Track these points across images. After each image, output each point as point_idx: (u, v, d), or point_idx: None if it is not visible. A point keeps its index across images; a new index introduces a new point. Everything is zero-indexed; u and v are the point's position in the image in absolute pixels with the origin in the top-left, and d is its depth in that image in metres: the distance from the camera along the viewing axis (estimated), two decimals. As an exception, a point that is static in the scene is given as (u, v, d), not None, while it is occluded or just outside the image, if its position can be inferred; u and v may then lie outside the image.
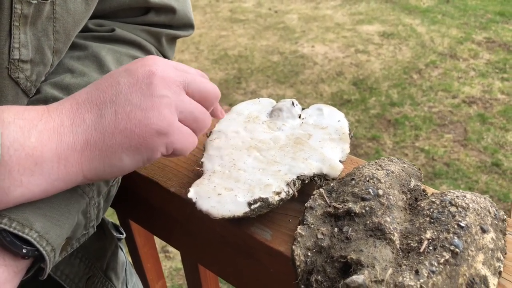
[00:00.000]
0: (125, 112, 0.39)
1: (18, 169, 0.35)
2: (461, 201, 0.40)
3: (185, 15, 0.57)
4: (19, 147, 0.35)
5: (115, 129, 0.38)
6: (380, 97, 3.01)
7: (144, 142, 0.39)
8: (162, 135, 0.40)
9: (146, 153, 0.40)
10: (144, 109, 0.39)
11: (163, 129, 0.39)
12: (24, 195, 0.36)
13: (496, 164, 2.40)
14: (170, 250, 2.02)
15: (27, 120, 0.36)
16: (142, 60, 0.42)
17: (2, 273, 0.37)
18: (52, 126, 0.37)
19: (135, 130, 0.39)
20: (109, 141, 0.38)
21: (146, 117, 0.39)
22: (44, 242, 0.39)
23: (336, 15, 4.20)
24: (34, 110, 0.38)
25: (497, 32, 3.66)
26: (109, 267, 0.63)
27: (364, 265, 0.35)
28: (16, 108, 0.37)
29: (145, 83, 0.40)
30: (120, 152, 0.39)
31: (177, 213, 0.54)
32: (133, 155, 0.39)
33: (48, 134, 0.37)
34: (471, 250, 0.36)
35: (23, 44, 0.42)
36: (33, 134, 0.36)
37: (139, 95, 0.39)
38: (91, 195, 0.45)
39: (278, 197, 0.43)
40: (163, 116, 0.39)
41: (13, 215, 0.37)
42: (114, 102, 0.39)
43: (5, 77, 0.42)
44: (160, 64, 0.41)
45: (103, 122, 0.38)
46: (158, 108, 0.39)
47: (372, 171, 0.44)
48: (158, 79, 0.40)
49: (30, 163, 0.36)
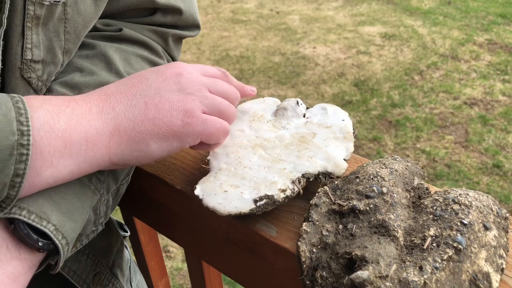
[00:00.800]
0: (154, 103, 0.42)
1: (49, 150, 0.37)
2: (464, 199, 0.40)
3: (191, 16, 0.58)
4: (49, 129, 0.37)
5: (144, 117, 0.41)
6: (381, 98, 3.02)
7: (172, 131, 0.42)
8: (187, 125, 0.43)
9: (173, 141, 0.43)
10: (172, 102, 0.43)
11: (189, 120, 0.43)
12: (53, 176, 0.38)
13: (497, 166, 2.41)
14: (171, 250, 2.03)
15: (55, 106, 0.38)
16: (171, 64, 0.47)
17: (17, 266, 0.38)
18: (80, 112, 0.40)
19: (164, 119, 0.42)
20: (139, 128, 0.41)
21: (173, 108, 0.42)
22: (60, 235, 0.39)
23: (337, 16, 4.21)
24: (60, 98, 0.40)
25: (498, 33, 3.67)
26: (114, 264, 0.63)
27: (368, 261, 0.36)
28: (42, 96, 0.40)
29: (173, 81, 0.44)
30: (149, 139, 0.42)
31: (182, 210, 0.55)
32: (160, 142, 0.42)
33: (76, 119, 0.39)
34: (474, 247, 0.37)
35: (35, 45, 0.42)
36: (62, 118, 0.38)
37: (168, 90, 0.43)
38: (102, 191, 0.46)
39: (283, 194, 0.43)
40: (188, 108, 0.43)
41: (31, 208, 0.38)
42: (143, 95, 0.42)
43: (17, 77, 0.42)
44: (187, 67, 0.46)
45: (133, 111, 0.42)
46: (185, 102, 0.43)
47: (376, 169, 0.44)
48: (185, 78, 0.45)
49: (60, 145, 0.37)
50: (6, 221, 0.38)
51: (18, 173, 0.35)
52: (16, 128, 0.35)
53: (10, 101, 0.36)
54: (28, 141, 0.35)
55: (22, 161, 0.35)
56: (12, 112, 0.35)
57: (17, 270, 0.38)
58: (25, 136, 0.35)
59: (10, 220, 0.38)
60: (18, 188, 0.36)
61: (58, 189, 0.40)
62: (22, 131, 0.35)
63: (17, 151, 0.35)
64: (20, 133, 0.35)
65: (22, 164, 0.35)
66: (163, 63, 0.57)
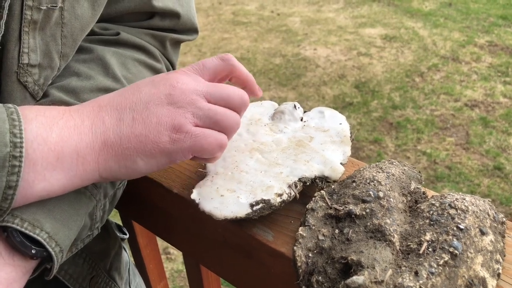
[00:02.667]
0: (142, 118, 0.40)
1: (41, 163, 0.37)
2: (460, 203, 0.40)
3: (189, 20, 0.58)
4: (42, 142, 0.37)
5: (131, 133, 0.40)
6: (382, 100, 3.01)
7: (158, 147, 0.40)
8: (175, 142, 0.41)
9: (161, 158, 0.41)
10: (160, 116, 0.40)
11: (176, 135, 0.41)
12: (45, 189, 0.38)
13: (498, 168, 2.40)
14: (172, 252, 2.03)
15: (49, 118, 0.38)
16: (169, 73, 0.44)
17: (11, 273, 0.38)
18: (72, 124, 0.39)
19: (150, 136, 0.40)
20: (125, 144, 0.40)
21: (161, 123, 0.40)
22: (53, 243, 0.39)
23: (338, 18, 4.21)
24: (55, 109, 0.39)
25: (499, 35, 3.66)
26: (112, 267, 0.63)
27: (364, 266, 0.36)
28: (37, 107, 0.39)
29: (165, 93, 0.41)
30: (135, 156, 0.40)
31: (179, 214, 0.55)
32: (147, 159, 0.41)
33: (68, 132, 0.38)
34: (470, 252, 0.37)
35: (32, 49, 0.42)
36: (55, 130, 0.38)
37: (158, 104, 0.41)
38: (98, 197, 0.46)
39: (280, 198, 0.43)
40: (177, 123, 0.41)
41: (24, 215, 0.38)
42: (133, 109, 0.41)
43: (14, 81, 0.43)
44: (182, 78, 0.43)
45: (121, 126, 0.40)
46: (173, 116, 0.41)
47: (373, 173, 0.44)
48: (178, 90, 0.42)
49: (52, 158, 0.37)
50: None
51: (11, 185, 0.35)
52: (9, 139, 0.34)
53: (4, 112, 0.35)
54: (21, 153, 0.35)
55: (14, 173, 0.35)
56: (6, 123, 0.35)
57: (10, 276, 0.38)
58: (18, 148, 0.35)
59: (3, 227, 0.38)
60: (11, 201, 0.36)
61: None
62: (15, 143, 0.35)
63: (9, 162, 0.34)
64: (12, 145, 0.35)
65: (14, 176, 0.35)
66: (161, 67, 0.57)
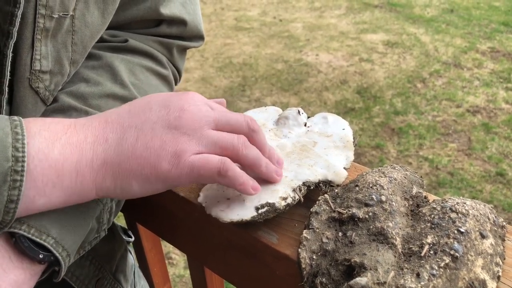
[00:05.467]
0: (145, 139, 0.39)
1: (42, 179, 0.37)
2: (461, 207, 0.41)
3: (196, 27, 0.60)
4: (43, 158, 0.37)
5: (131, 154, 0.39)
6: (384, 105, 3.02)
7: (155, 172, 0.39)
8: (174, 169, 0.39)
9: (157, 184, 0.40)
10: (164, 140, 0.39)
11: (175, 162, 0.39)
12: (45, 205, 0.38)
13: (501, 174, 2.40)
14: (173, 257, 2.04)
15: (53, 132, 0.38)
16: (181, 94, 0.43)
17: (20, 275, 0.39)
18: (75, 140, 0.39)
19: (149, 159, 0.39)
20: (123, 165, 0.39)
21: (163, 148, 0.39)
22: (60, 248, 0.40)
23: (340, 24, 4.23)
24: (61, 123, 0.39)
25: (501, 41, 3.68)
26: (118, 269, 0.64)
27: (367, 268, 0.37)
28: (42, 120, 0.39)
29: (174, 116, 0.40)
30: (131, 178, 0.39)
31: (185, 217, 0.56)
32: (143, 183, 0.40)
33: (70, 149, 0.38)
34: (471, 255, 0.38)
35: (43, 56, 0.44)
36: (57, 146, 0.38)
37: (164, 126, 0.40)
38: (105, 201, 0.47)
39: (284, 202, 0.44)
40: (179, 149, 0.39)
41: (31, 222, 0.39)
42: (139, 128, 0.40)
43: (26, 87, 0.44)
44: (194, 101, 0.42)
45: (123, 145, 0.39)
46: (177, 142, 0.39)
47: (376, 178, 0.45)
48: (188, 114, 0.40)
49: (53, 174, 0.37)
50: (7, 234, 0.39)
51: (12, 199, 0.35)
52: (11, 154, 0.35)
53: (8, 126, 0.36)
54: (23, 167, 0.35)
55: (16, 187, 0.35)
56: (9, 137, 0.35)
57: (20, 279, 0.39)
58: (20, 163, 0.35)
59: (12, 233, 0.39)
60: (13, 214, 0.36)
61: None
62: (17, 157, 0.35)
63: (10, 177, 0.35)
64: (14, 159, 0.35)
65: (15, 191, 0.35)
66: (168, 73, 0.58)
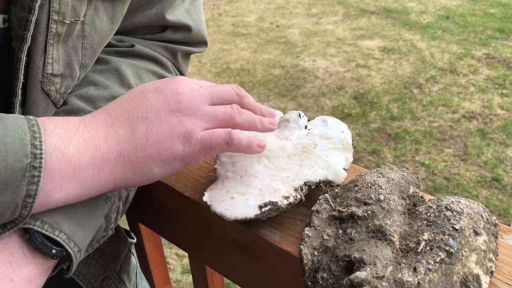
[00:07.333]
0: (155, 127, 0.42)
1: (59, 174, 0.39)
2: (456, 206, 0.43)
3: (200, 33, 0.62)
4: (59, 154, 0.39)
5: (146, 142, 0.42)
6: (380, 111, 3.05)
7: (173, 154, 0.43)
8: (187, 148, 0.43)
9: (175, 164, 0.44)
10: (172, 124, 0.43)
11: (187, 141, 0.43)
12: (61, 198, 0.40)
13: (496, 179, 2.43)
14: (171, 262, 2.05)
15: (66, 130, 0.40)
16: (170, 79, 0.46)
17: (33, 270, 0.41)
18: (88, 136, 0.41)
19: (164, 143, 0.42)
20: (141, 153, 0.42)
21: (173, 131, 0.43)
22: (72, 243, 0.42)
23: (337, 30, 4.27)
24: (71, 121, 0.41)
25: (496, 48, 3.72)
26: (122, 269, 0.66)
27: (366, 263, 0.38)
28: (55, 119, 0.41)
29: (173, 100, 0.44)
30: (151, 163, 0.42)
31: (188, 216, 0.58)
32: (163, 166, 0.43)
33: (85, 144, 0.40)
34: (465, 250, 0.40)
35: (55, 60, 0.46)
36: (72, 143, 0.39)
37: (168, 112, 0.43)
38: (113, 200, 0.48)
39: (286, 201, 0.46)
40: (187, 129, 0.43)
41: (45, 218, 0.40)
42: (145, 117, 0.43)
43: (38, 90, 0.46)
44: (186, 83, 0.45)
45: (136, 136, 0.42)
46: (184, 123, 0.43)
47: (374, 178, 0.47)
48: (185, 96, 0.44)
49: (69, 169, 0.39)
50: (22, 230, 0.40)
51: (30, 194, 0.37)
52: (30, 151, 0.36)
53: (26, 124, 0.38)
54: (41, 164, 0.37)
55: (34, 183, 0.37)
56: (28, 135, 0.37)
57: (32, 274, 0.40)
58: (38, 159, 0.37)
59: (26, 229, 0.40)
60: (30, 208, 0.38)
61: None
62: (35, 154, 0.37)
63: (29, 173, 0.36)
64: (33, 156, 0.37)
65: (33, 186, 0.37)
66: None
